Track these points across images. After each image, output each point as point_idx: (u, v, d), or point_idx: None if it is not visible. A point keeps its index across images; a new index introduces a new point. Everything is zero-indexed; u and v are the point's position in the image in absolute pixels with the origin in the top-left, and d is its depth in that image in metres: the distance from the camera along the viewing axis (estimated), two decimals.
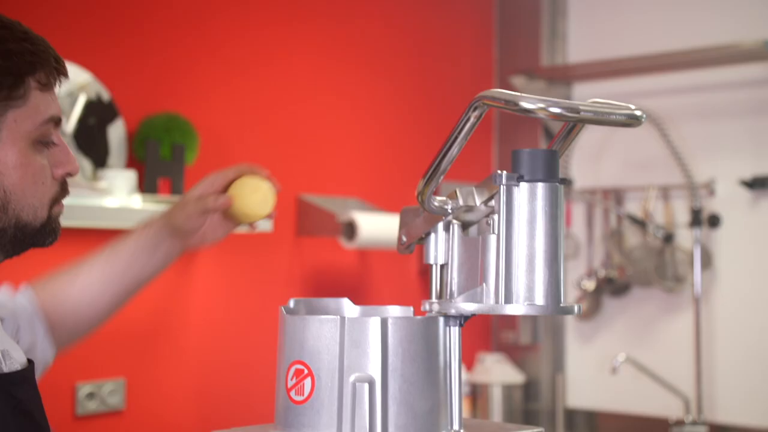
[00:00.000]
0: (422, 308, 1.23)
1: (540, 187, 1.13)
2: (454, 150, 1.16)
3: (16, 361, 1.21)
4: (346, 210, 3.25)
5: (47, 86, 1.17)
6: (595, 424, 3.99)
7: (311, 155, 3.41)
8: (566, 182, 1.18)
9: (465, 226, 1.24)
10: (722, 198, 3.73)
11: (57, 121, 1.20)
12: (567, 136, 1.22)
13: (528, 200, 1.13)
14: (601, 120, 1.11)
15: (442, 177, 1.18)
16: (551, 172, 1.14)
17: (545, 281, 1.12)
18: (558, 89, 4.06)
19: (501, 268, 1.13)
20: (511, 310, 1.13)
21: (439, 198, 1.21)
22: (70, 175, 1.21)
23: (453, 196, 1.21)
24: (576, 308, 1.16)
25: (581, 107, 1.09)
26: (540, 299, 1.12)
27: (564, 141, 1.23)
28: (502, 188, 1.14)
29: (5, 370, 1.17)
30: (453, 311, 1.19)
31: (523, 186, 1.13)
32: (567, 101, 1.10)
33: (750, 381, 3.63)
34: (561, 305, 1.13)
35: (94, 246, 2.79)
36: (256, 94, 3.25)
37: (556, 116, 1.08)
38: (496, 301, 1.14)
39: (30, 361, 1.28)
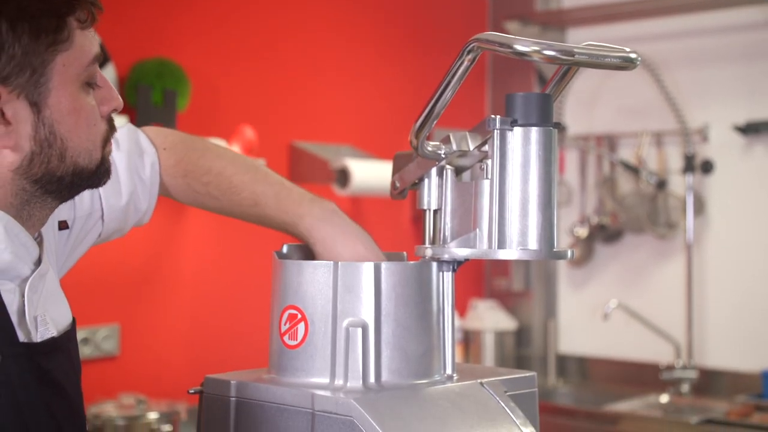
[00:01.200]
0: (415, 254, 1.24)
1: (534, 131, 1.13)
2: (448, 94, 1.15)
3: (51, 327, 1.16)
4: (338, 157, 3.24)
5: (86, 24, 1.14)
6: (586, 369, 4.03)
7: (304, 102, 3.39)
8: (560, 127, 1.17)
9: (458, 171, 1.23)
10: (715, 144, 3.73)
11: (100, 59, 1.17)
12: (561, 80, 1.21)
13: (522, 145, 1.13)
14: (596, 63, 1.10)
15: (435, 121, 1.17)
16: (545, 116, 1.13)
17: (538, 226, 1.13)
18: (552, 34, 4.03)
19: (494, 213, 1.13)
20: (504, 254, 1.13)
21: (432, 143, 1.21)
22: (116, 110, 1.19)
23: (446, 141, 1.20)
24: (569, 253, 1.16)
25: (576, 50, 1.08)
26: (533, 244, 1.13)
27: (558, 85, 1.22)
28: (496, 133, 1.13)
29: (36, 339, 1.13)
30: (446, 256, 1.19)
31: (517, 130, 1.13)
32: (561, 44, 1.09)
33: (740, 326, 3.65)
34: (554, 250, 1.14)
35: None
36: (249, 40, 3.22)
37: (550, 59, 1.07)
38: (489, 246, 1.14)
39: (73, 321, 1.25)
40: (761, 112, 3.61)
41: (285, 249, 1.27)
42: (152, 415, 2.60)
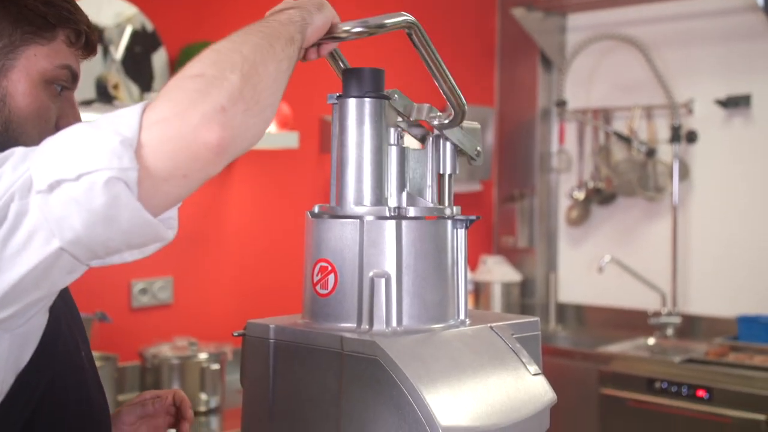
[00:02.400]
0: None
1: (366, 102, 1.16)
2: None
3: None
4: None
5: (74, 45, 1.10)
6: (583, 316, 4.02)
7: (334, 79, 3.36)
8: (391, 97, 1.18)
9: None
10: (699, 116, 3.68)
11: (74, 76, 1.11)
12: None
13: (356, 115, 1.16)
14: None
15: None
16: (376, 88, 1.16)
17: (372, 185, 1.16)
18: (554, 19, 3.97)
19: (337, 174, 1.18)
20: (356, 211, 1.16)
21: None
22: None
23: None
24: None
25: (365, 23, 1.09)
26: (366, 200, 1.16)
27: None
28: (335, 106, 1.17)
29: None
30: (316, 209, 1.19)
31: (352, 101, 1.16)
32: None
33: (719, 278, 3.63)
34: (382, 206, 1.16)
35: None
36: None
37: (358, 34, 1.09)
38: (337, 203, 1.19)
39: None
40: (740, 88, 3.56)
41: (316, 209, 1.25)
42: (202, 356, 2.62)
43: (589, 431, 3.29)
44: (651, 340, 3.60)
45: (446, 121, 1.21)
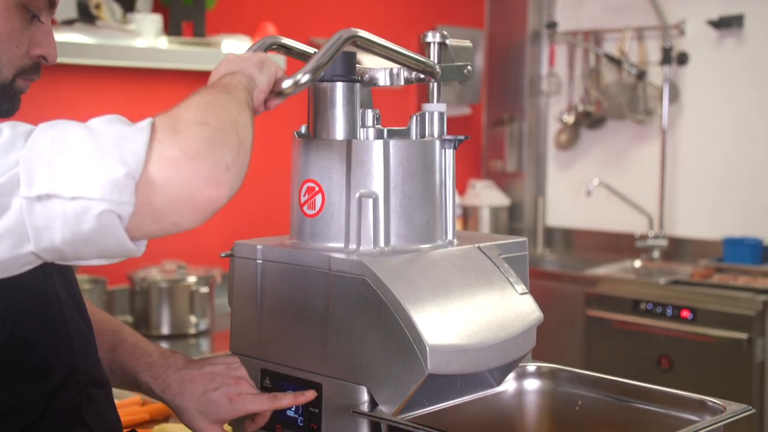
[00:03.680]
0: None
1: (338, 85, 1.15)
2: None
3: None
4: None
5: None
6: (570, 239, 4.04)
7: (321, 0, 3.30)
8: (363, 81, 1.21)
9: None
10: (691, 37, 3.64)
11: (51, 2, 1.06)
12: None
13: (329, 96, 1.16)
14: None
15: None
16: (348, 71, 1.16)
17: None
18: None
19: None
20: None
21: None
22: (45, 60, 1.07)
23: None
24: None
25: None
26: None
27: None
28: (309, 89, 1.17)
29: None
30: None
31: (324, 85, 1.17)
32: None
33: (705, 201, 3.64)
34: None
35: (125, 84, 2.75)
36: None
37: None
38: None
39: None
40: (733, 8, 3.50)
41: (303, 129, 1.24)
42: (191, 279, 2.63)
43: (576, 352, 3.35)
44: (637, 263, 3.63)
45: (422, 76, 1.21)
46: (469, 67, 1.24)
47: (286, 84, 1.07)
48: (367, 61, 3.11)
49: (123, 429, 1.21)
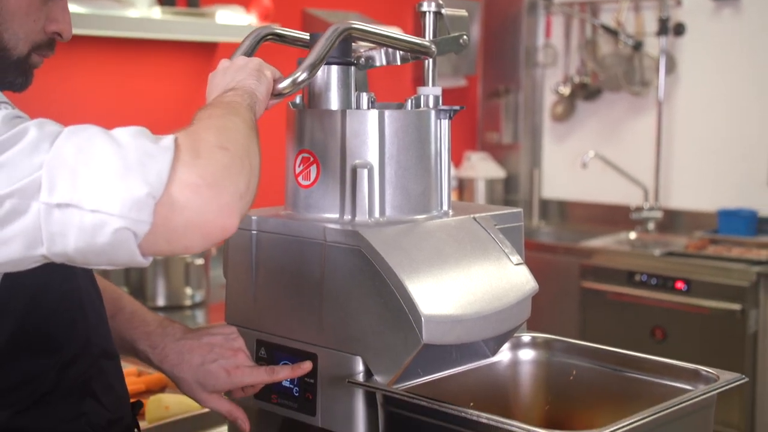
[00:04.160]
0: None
1: (333, 68, 1.15)
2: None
3: None
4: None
5: None
6: (566, 211, 4.04)
7: None
8: (358, 64, 1.20)
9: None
10: (688, 8, 3.62)
11: None
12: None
13: (325, 79, 1.16)
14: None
15: None
16: (343, 55, 1.15)
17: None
18: None
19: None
20: None
21: None
22: (60, 36, 1.07)
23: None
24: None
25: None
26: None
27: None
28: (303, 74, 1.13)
29: None
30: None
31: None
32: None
33: (700, 172, 3.64)
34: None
35: (118, 54, 2.72)
36: None
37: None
38: None
39: None
40: None
41: (298, 100, 1.23)
42: None
43: (570, 324, 3.36)
44: (632, 235, 3.64)
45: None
46: (464, 37, 1.23)
47: (284, 84, 1.08)
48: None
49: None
